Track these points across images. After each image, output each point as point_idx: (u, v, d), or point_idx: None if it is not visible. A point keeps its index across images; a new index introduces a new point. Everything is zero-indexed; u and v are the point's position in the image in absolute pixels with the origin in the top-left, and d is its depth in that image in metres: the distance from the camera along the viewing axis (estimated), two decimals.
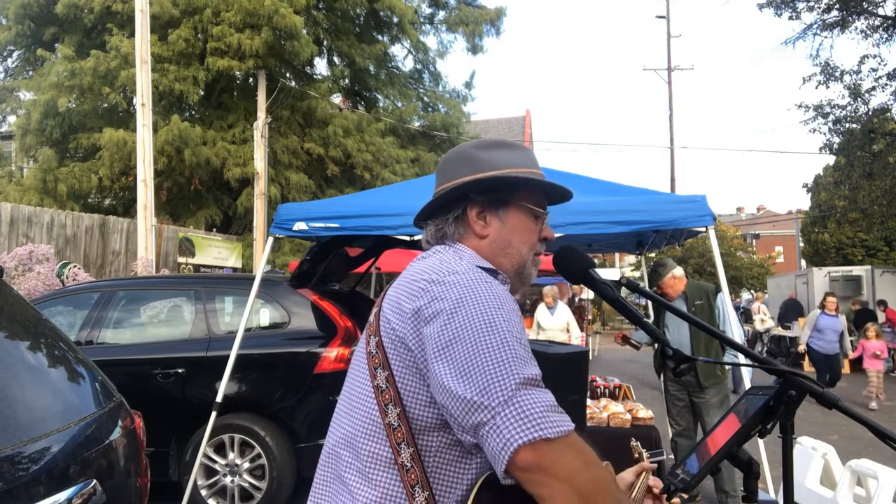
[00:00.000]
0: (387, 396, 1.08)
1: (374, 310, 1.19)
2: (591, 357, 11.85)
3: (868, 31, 14.00)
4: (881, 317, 13.52)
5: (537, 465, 0.90)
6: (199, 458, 4.17)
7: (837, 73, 14.10)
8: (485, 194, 1.21)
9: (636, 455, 1.35)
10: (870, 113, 13.84)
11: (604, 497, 0.93)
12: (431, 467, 1.06)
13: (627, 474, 1.27)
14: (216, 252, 12.87)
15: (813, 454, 3.55)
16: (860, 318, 12.85)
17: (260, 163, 12.53)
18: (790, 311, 15.99)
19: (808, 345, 10.01)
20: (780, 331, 15.20)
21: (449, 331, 1.01)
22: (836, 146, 14.69)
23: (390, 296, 1.15)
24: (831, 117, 14.42)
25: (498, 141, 1.29)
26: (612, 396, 4.81)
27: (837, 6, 13.81)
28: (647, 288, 4.63)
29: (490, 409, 0.93)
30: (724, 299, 4.28)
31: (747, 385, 4.15)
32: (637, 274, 23.50)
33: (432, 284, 1.08)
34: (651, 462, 1.31)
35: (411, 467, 1.05)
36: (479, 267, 1.15)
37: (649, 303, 6.22)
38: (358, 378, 1.17)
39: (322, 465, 1.20)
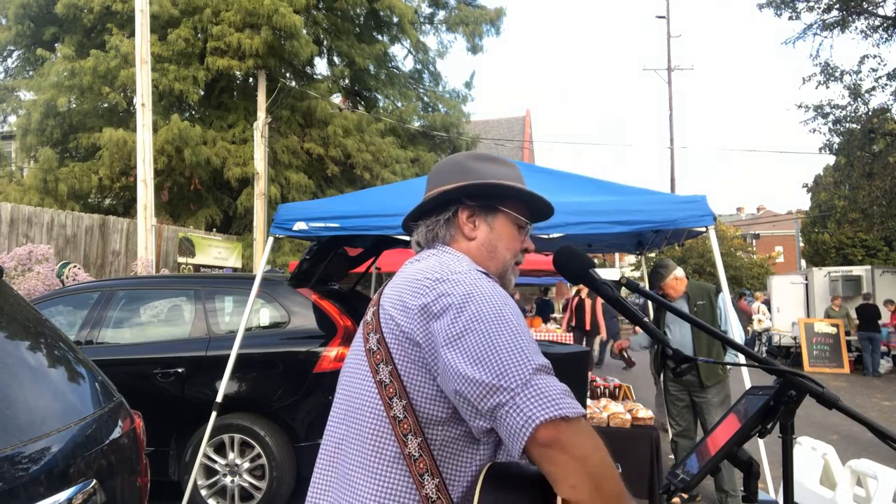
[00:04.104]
0: (391, 390, 1.10)
1: (371, 309, 1.22)
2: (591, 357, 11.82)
3: (868, 31, 14.00)
4: (886, 314, 13.50)
5: (556, 442, 0.94)
6: (199, 458, 4.17)
7: (837, 73, 14.11)
8: (476, 199, 1.28)
9: None
10: (870, 113, 13.84)
11: (610, 481, 0.96)
12: (439, 456, 1.08)
13: None
14: (216, 252, 12.87)
15: (813, 454, 3.55)
16: (864, 314, 12.83)
17: (260, 163, 12.53)
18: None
19: None
20: (778, 331, 15.21)
21: (460, 322, 1.05)
22: (836, 146, 14.68)
23: (389, 294, 1.18)
24: (831, 117, 14.41)
25: (489, 155, 1.37)
26: (612, 396, 4.81)
27: (837, 6, 13.81)
28: (648, 288, 4.63)
29: (510, 391, 0.97)
30: (725, 299, 4.28)
31: (748, 384, 4.15)
32: (637, 274, 23.50)
33: (437, 282, 1.12)
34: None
35: (420, 456, 1.07)
36: (476, 269, 1.19)
37: (649, 302, 6.22)
38: (356, 377, 1.18)
39: (322, 467, 1.20)
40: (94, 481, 1.86)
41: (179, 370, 4.39)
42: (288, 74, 14.30)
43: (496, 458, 1.12)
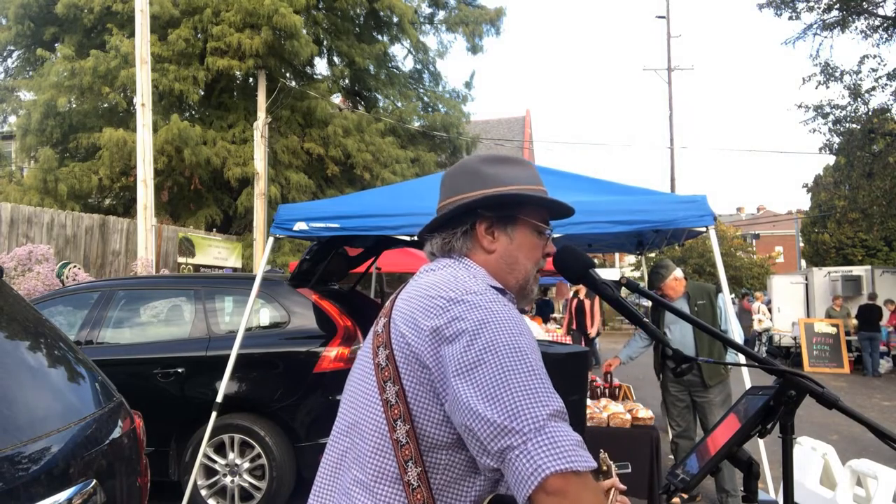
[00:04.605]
0: (396, 412, 1.07)
1: (383, 320, 1.18)
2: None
3: (868, 31, 14.01)
4: (886, 315, 13.49)
5: (564, 494, 0.91)
6: (199, 458, 4.17)
7: (837, 74, 14.11)
8: (494, 210, 1.22)
9: (604, 468, 1.35)
10: (870, 113, 13.84)
11: None
12: (437, 486, 1.06)
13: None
14: (216, 252, 12.86)
15: (813, 454, 3.54)
16: (864, 315, 12.83)
17: (260, 163, 12.53)
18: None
19: None
20: (778, 331, 15.22)
21: (472, 352, 1.01)
22: (836, 146, 14.70)
23: (402, 308, 1.14)
24: (831, 117, 14.42)
25: (503, 156, 1.30)
26: (612, 396, 4.81)
27: (837, 6, 13.81)
28: (648, 289, 4.63)
29: (521, 435, 0.94)
30: (725, 299, 4.29)
31: (748, 384, 4.15)
32: (637, 274, 23.51)
33: (451, 303, 1.07)
34: (618, 474, 1.33)
35: (418, 486, 1.04)
36: (491, 287, 1.15)
37: (648, 303, 6.21)
38: (363, 388, 1.15)
39: (325, 475, 1.19)
40: (94, 481, 1.86)
41: (179, 370, 4.39)
42: (288, 74, 14.30)
43: (497, 489, 1.09)
